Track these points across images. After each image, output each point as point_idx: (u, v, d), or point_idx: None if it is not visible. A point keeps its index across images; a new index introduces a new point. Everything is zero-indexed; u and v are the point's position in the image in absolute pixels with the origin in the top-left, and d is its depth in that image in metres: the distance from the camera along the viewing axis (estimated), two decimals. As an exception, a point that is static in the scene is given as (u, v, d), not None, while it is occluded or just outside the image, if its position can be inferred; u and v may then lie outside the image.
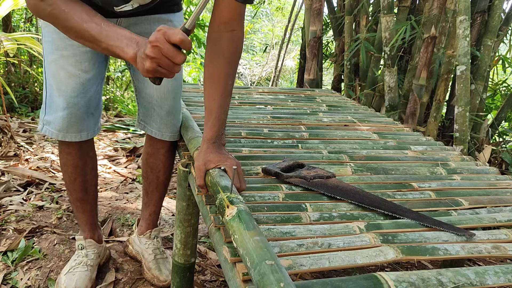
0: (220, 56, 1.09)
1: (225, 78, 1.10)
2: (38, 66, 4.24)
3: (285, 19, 5.53)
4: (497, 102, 2.78)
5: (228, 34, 1.08)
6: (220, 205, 0.85)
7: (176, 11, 1.40)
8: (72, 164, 1.43)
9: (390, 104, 2.32)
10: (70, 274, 1.47)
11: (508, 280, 0.70)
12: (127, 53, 0.95)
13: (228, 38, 1.08)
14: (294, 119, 1.71)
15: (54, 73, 1.31)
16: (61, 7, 1.00)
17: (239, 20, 1.09)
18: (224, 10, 1.07)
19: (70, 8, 1.00)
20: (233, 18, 1.07)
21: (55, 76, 1.31)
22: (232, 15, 1.07)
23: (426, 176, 1.25)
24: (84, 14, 1.00)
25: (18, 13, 4.99)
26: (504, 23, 2.35)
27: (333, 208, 1.00)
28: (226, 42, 1.08)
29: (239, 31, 1.09)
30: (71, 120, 1.32)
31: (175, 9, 1.40)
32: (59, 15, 1.01)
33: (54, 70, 1.30)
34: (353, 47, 2.57)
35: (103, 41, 0.98)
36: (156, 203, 1.63)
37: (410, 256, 0.79)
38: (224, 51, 1.09)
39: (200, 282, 1.59)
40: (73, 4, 1.01)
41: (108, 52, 1.00)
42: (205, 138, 1.09)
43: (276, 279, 0.58)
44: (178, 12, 1.41)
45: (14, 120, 3.40)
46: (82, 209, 1.53)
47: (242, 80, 7.99)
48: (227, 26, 1.08)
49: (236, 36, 1.09)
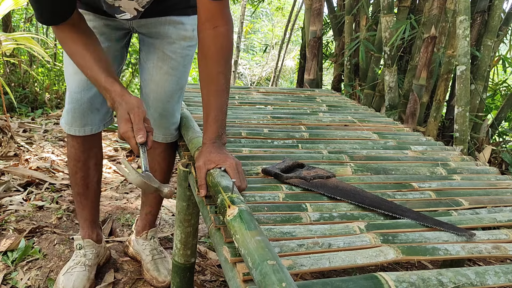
0: (208, 55, 1.10)
1: (216, 77, 1.10)
2: (38, 66, 4.24)
3: (285, 19, 5.53)
4: (497, 102, 2.79)
5: (211, 31, 1.08)
6: (221, 205, 0.85)
7: (191, 14, 1.37)
8: (74, 157, 1.45)
9: (390, 104, 2.32)
10: (68, 274, 1.47)
11: (508, 280, 0.70)
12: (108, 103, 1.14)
13: (213, 35, 1.09)
14: (294, 119, 1.71)
15: (66, 70, 1.38)
16: (65, 47, 1.18)
17: (220, 16, 1.09)
18: (202, 8, 1.08)
19: (70, 51, 1.17)
20: (213, 15, 1.08)
21: (66, 72, 1.38)
22: (212, 12, 1.08)
23: (426, 176, 1.25)
24: (80, 60, 1.15)
25: (18, 13, 4.99)
26: (504, 23, 2.35)
27: (333, 208, 1.00)
28: (211, 39, 1.09)
29: (222, 26, 1.09)
30: (75, 115, 1.36)
31: (190, 12, 1.37)
32: (66, 51, 1.19)
33: (66, 67, 1.37)
34: (353, 45, 2.58)
35: (96, 86, 1.16)
36: (152, 203, 1.63)
37: (410, 256, 0.79)
38: (210, 48, 1.09)
39: (200, 282, 1.59)
40: (74, 48, 1.16)
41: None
42: (205, 138, 1.09)
43: (278, 279, 0.58)
44: (193, 15, 1.37)
45: (14, 120, 3.40)
46: (82, 205, 1.53)
47: (242, 80, 7.99)
48: (210, 23, 1.08)
49: (219, 32, 1.09)
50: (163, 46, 1.37)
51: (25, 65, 3.96)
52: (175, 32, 1.36)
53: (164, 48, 1.37)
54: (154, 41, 1.37)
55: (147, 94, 1.41)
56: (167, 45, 1.37)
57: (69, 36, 1.14)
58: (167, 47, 1.37)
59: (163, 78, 1.38)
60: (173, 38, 1.37)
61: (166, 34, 1.36)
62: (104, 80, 1.11)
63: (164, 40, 1.36)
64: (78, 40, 1.14)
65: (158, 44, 1.37)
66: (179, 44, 1.38)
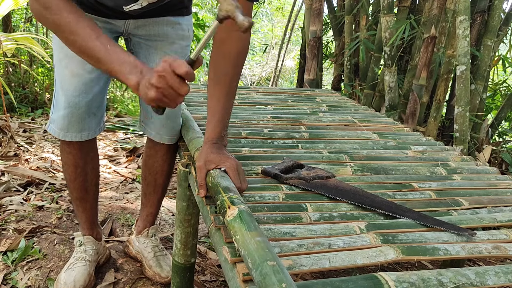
0: (227, 56, 1.09)
1: (231, 79, 1.10)
2: (38, 66, 4.24)
3: (285, 19, 5.53)
4: (497, 102, 2.78)
5: (235, 33, 1.07)
6: (221, 205, 0.85)
7: (185, 14, 1.39)
8: (73, 164, 1.43)
9: (390, 104, 2.32)
10: (70, 271, 1.48)
11: (508, 280, 0.70)
12: (130, 79, 0.94)
13: (237, 37, 1.08)
14: (294, 119, 1.71)
15: (60, 72, 1.32)
16: (66, 19, 0.97)
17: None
18: None
19: (75, 22, 0.97)
20: None
21: (61, 74, 1.31)
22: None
23: (426, 176, 1.25)
24: (90, 31, 0.97)
25: (18, 13, 4.99)
26: (504, 23, 2.35)
27: (333, 208, 1.00)
28: (234, 41, 1.08)
29: None
30: (72, 120, 1.32)
31: (184, 12, 1.39)
32: (63, 26, 0.99)
33: (60, 69, 1.31)
34: (353, 45, 2.58)
35: (107, 63, 0.97)
36: (153, 205, 1.63)
37: (411, 256, 0.79)
38: (231, 51, 1.08)
39: (200, 282, 1.59)
40: (79, 17, 0.98)
41: (109, 74, 0.99)
42: (207, 138, 1.09)
43: (278, 279, 0.58)
44: (187, 16, 1.40)
45: (14, 120, 3.40)
46: (82, 208, 1.53)
47: (242, 80, 7.98)
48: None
49: (243, 35, 1.08)
50: (164, 47, 1.37)
51: (25, 65, 3.95)
52: (174, 32, 1.37)
53: (165, 48, 1.37)
54: (153, 43, 1.37)
55: None
56: (168, 46, 1.37)
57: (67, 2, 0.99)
58: (168, 48, 1.37)
59: None
60: (173, 38, 1.37)
61: (166, 34, 1.36)
62: (123, 52, 0.97)
63: (164, 41, 1.37)
64: (75, 6, 1.00)
65: (158, 46, 1.37)
66: (179, 44, 1.38)
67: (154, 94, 0.90)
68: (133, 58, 0.96)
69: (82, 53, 1.00)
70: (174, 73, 0.88)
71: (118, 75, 0.96)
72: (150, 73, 0.91)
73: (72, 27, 0.97)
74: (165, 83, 0.88)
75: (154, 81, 0.89)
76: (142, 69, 0.94)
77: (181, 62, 0.88)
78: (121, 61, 0.95)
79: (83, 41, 0.97)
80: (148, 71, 0.93)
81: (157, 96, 0.90)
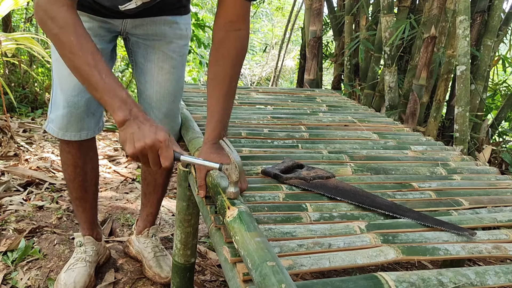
0: (226, 56, 1.09)
1: (230, 79, 1.10)
2: (38, 66, 4.24)
3: (285, 19, 5.53)
4: (497, 102, 2.78)
5: (234, 33, 1.08)
6: (221, 206, 0.85)
7: (183, 13, 1.39)
8: (72, 163, 1.43)
9: (390, 104, 2.32)
10: (70, 271, 1.48)
11: (508, 280, 0.70)
12: (117, 115, 0.95)
13: (235, 37, 1.08)
14: (294, 119, 1.71)
15: (58, 71, 1.31)
16: (69, 37, 0.96)
17: (244, 19, 1.09)
18: (229, 8, 1.07)
19: (78, 45, 0.96)
20: (239, 17, 1.08)
21: (59, 73, 1.31)
22: (238, 13, 1.07)
23: (426, 176, 1.25)
24: (90, 56, 0.97)
25: (18, 13, 4.99)
26: (504, 23, 2.35)
27: (333, 208, 1.00)
28: (233, 41, 1.08)
29: (245, 29, 1.10)
30: (71, 119, 1.32)
31: (182, 11, 1.39)
32: (65, 44, 0.98)
33: (58, 68, 1.30)
34: (352, 45, 2.57)
35: (98, 92, 0.97)
36: (153, 205, 1.63)
37: (411, 256, 0.79)
38: (230, 51, 1.09)
39: (200, 282, 1.60)
40: (82, 41, 0.97)
41: (97, 101, 1.00)
42: (207, 138, 1.09)
43: (277, 280, 0.58)
44: (185, 15, 1.41)
45: (14, 120, 3.40)
46: (81, 208, 1.53)
47: (242, 80, 7.98)
48: (233, 25, 1.08)
49: (242, 35, 1.09)
50: (162, 46, 1.37)
51: (25, 65, 3.95)
52: (172, 31, 1.37)
53: (164, 48, 1.37)
54: (151, 42, 1.37)
55: (150, 96, 1.40)
56: (166, 45, 1.37)
57: (75, 20, 0.99)
58: (167, 47, 1.37)
59: (165, 78, 1.38)
60: (171, 38, 1.37)
61: (163, 34, 1.36)
62: (118, 85, 0.98)
63: (162, 41, 1.37)
64: (81, 25, 0.99)
65: (157, 45, 1.37)
66: (177, 43, 1.39)
67: (131, 152, 0.93)
68: (126, 94, 0.97)
69: (75, 72, 1.00)
70: (158, 154, 0.93)
71: (107, 106, 0.97)
72: (139, 117, 0.94)
73: (73, 48, 0.97)
74: (145, 155, 0.93)
75: (137, 146, 0.92)
76: (132, 109, 0.95)
77: (169, 154, 0.92)
78: (112, 94, 0.96)
79: (81, 64, 0.97)
80: (138, 112, 0.95)
81: (132, 156, 0.94)
